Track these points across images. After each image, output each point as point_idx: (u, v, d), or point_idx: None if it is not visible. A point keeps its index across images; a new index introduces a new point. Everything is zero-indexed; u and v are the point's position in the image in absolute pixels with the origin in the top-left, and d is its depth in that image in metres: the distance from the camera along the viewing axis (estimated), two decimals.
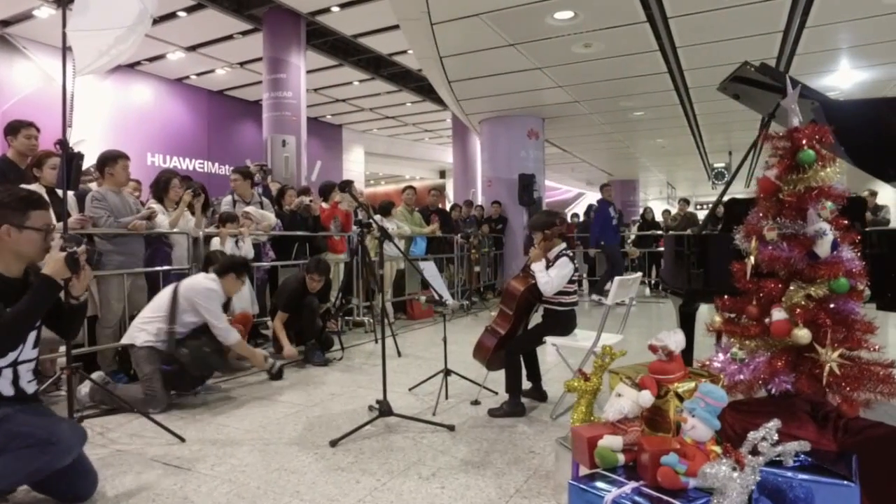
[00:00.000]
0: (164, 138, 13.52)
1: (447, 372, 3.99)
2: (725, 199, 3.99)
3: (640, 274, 3.89)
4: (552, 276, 3.42)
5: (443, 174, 25.19)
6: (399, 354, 5.49)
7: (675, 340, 2.14)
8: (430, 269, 4.04)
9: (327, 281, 5.43)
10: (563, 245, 3.63)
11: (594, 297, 9.79)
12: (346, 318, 6.81)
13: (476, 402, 3.82)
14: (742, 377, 2.20)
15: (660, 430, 2.11)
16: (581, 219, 13.58)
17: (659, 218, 13.40)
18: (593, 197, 25.34)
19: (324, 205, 6.47)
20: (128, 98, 12.85)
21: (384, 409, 3.36)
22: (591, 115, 10.99)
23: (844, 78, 8.84)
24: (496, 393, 4.01)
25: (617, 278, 3.34)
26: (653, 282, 11.13)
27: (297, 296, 5.12)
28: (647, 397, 2.04)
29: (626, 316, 3.77)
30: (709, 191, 23.25)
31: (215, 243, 5.16)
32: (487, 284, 10.40)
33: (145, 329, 3.78)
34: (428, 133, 20.66)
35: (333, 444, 3.06)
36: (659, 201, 25.71)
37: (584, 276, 11.11)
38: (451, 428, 3.30)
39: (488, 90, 9.19)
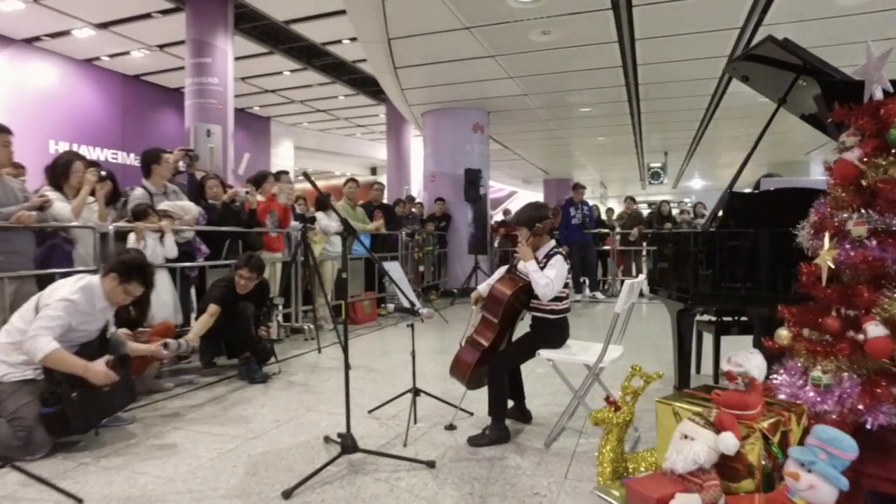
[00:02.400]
0: (70, 125, 12.06)
1: (416, 391, 3.39)
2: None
3: (643, 276, 3.42)
4: (551, 276, 2.90)
5: (374, 171, 24.41)
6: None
7: (756, 365, 1.67)
8: (396, 271, 3.45)
9: (263, 283, 4.70)
10: (553, 242, 3.13)
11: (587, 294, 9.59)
12: (284, 324, 6.07)
13: (451, 427, 3.26)
14: (826, 407, 1.75)
15: (739, 481, 1.62)
16: None
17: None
18: (526, 195, 25.33)
19: (259, 197, 5.70)
20: (24, 78, 11.33)
21: (348, 444, 2.73)
22: (538, 110, 10.66)
23: None
24: (471, 414, 3.47)
25: (627, 281, 2.86)
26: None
27: (228, 300, 4.37)
28: (730, 442, 1.55)
29: (625, 323, 3.30)
30: (638, 190, 23.75)
31: (131, 240, 4.33)
32: (431, 285, 9.85)
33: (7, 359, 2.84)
34: (360, 128, 19.84)
35: (287, 494, 2.41)
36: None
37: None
38: (430, 464, 2.71)
39: (435, 78, 8.65)
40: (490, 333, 3.02)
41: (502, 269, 3.25)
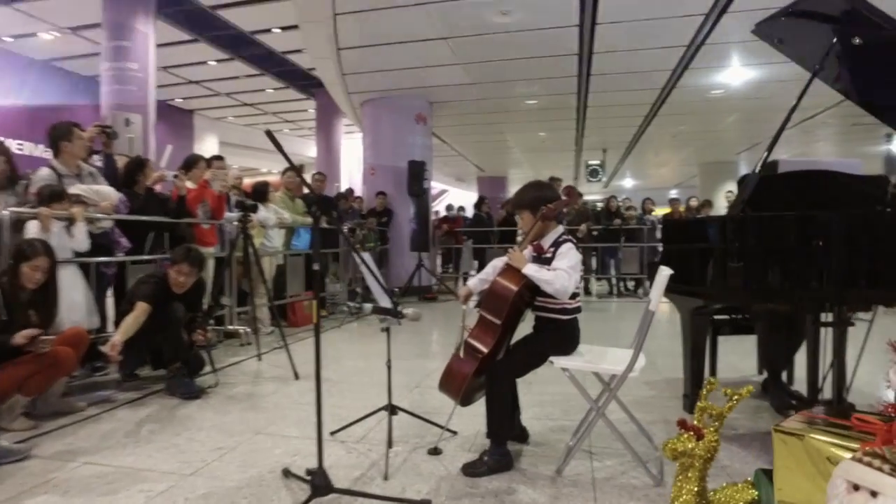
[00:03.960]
0: None
1: (392, 409, 2.82)
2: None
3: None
4: (564, 267, 2.41)
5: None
6: (296, 376, 4.18)
7: None
8: (371, 266, 2.87)
9: (199, 281, 3.98)
10: (561, 228, 2.65)
11: None
12: (217, 327, 5.30)
13: (436, 451, 2.72)
14: None
15: None
16: (467, 213, 12.88)
17: None
18: (457, 194, 24.98)
19: (189, 184, 4.90)
20: None
21: (319, 483, 2.13)
22: (482, 101, 10.26)
23: (735, 75, 8.93)
24: (454, 433, 2.95)
25: (661, 275, 2.41)
26: None
27: (160, 299, 3.63)
28: None
29: (647, 324, 2.84)
30: None
31: (32, 229, 3.50)
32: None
33: None
34: (288, 123, 18.76)
35: None
36: None
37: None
38: None
39: (380, 62, 8.04)
40: (490, 338, 2.49)
41: (499, 262, 2.75)
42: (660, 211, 11.19)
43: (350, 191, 8.93)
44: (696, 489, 1.57)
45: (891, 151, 14.66)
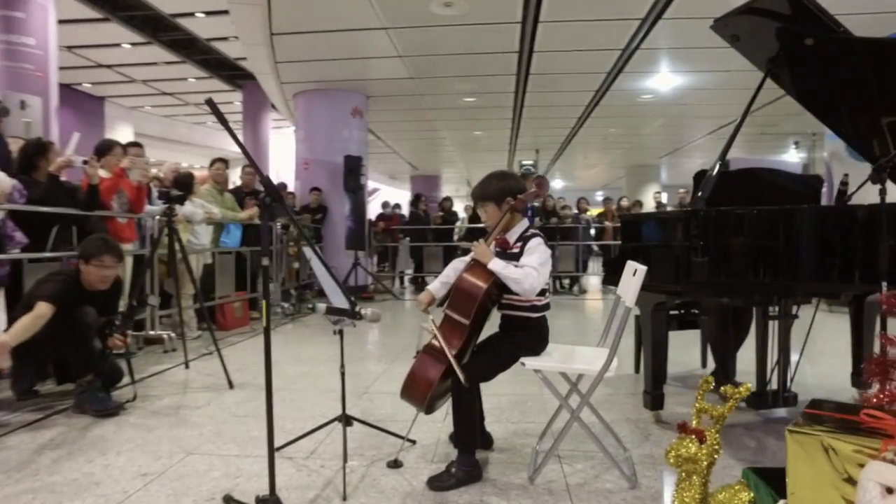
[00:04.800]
0: None
1: (347, 420, 2.57)
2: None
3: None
4: (533, 264, 2.25)
5: (227, 164, 22.25)
6: (231, 385, 3.83)
7: None
8: (317, 264, 2.61)
9: (116, 280, 3.55)
10: (527, 222, 2.49)
11: None
12: (136, 333, 4.82)
13: (396, 464, 2.49)
14: None
15: None
16: (402, 211, 12.65)
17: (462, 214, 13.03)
18: (389, 192, 24.66)
19: (102, 173, 4.41)
20: None
21: None
22: (421, 97, 10.08)
23: (664, 81, 9.17)
24: (413, 442, 2.73)
25: (637, 272, 2.29)
26: None
27: (68, 300, 3.19)
28: None
29: (624, 322, 2.71)
30: None
31: None
32: (306, 283, 8.83)
33: None
34: (212, 116, 17.80)
35: None
36: (457, 199, 26.06)
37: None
38: None
39: (317, 51, 7.68)
40: (457, 339, 2.30)
41: (459, 263, 2.57)
42: (594, 211, 11.40)
43: (283, 185, 8.50)
44: (699, 496, 1.45)
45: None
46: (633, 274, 2.32)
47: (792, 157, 14.66)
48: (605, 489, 2.25)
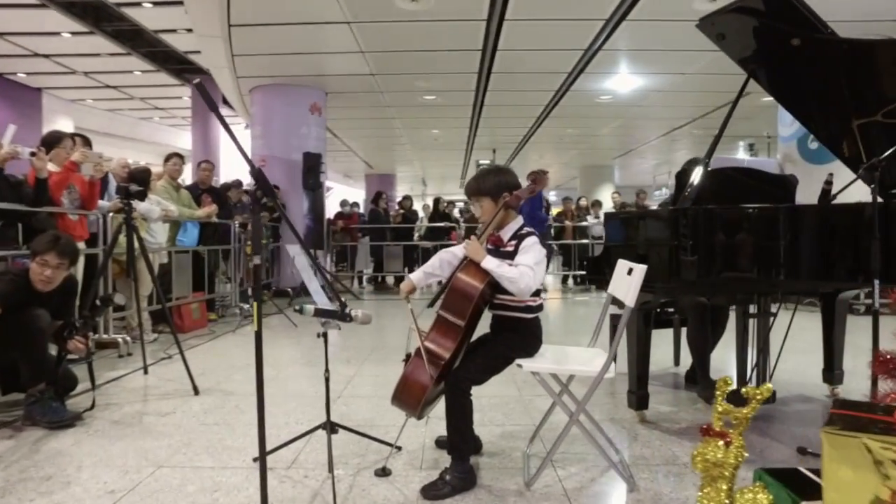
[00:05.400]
0: None
1: (331, 427, 2.45)
2: None
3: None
4: (528, 263, 2.19)
5: (182, 159, 21.40)
6: (196, 391, 3.63)
7: None
8: (302, 262, 2.48)
9: (69, 279, 3.30)
10: (521, 220, 2.43)
11: None
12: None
13: (385, 472, 2.38)
14: None
15: None
16: (361, 209, 12.44)
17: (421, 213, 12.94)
18: (343, 191, 24.28)
19: (51, 167, 4.11)
20: None
21: None
22: (381, 95, 9.93)
23: (623, 82, 9.32)
24: (399, 448, 2.63)
25: (636, 270, 2.26)
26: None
27: (16, 301, 2.94)
28: None
29: (624, 322, 2.70)
30: (456, 189, 24.11)
31: None
32: (263, 284, 8.55)
33: None
34: (159, 111, 17.01)
35: None
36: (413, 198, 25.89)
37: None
38: None
39: (276, 45, 7.44)
40: (451, 342, 2.21)
41: (445, 254, 2.49)
42: (554, 210, 11.49)
43: (239, 182, 8.20)
44: (727, 501, 1.41)
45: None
46: (629, 273, 2.29)
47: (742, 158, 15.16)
48: (604, 492, 2.21)
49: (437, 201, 11.32)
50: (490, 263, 2.20)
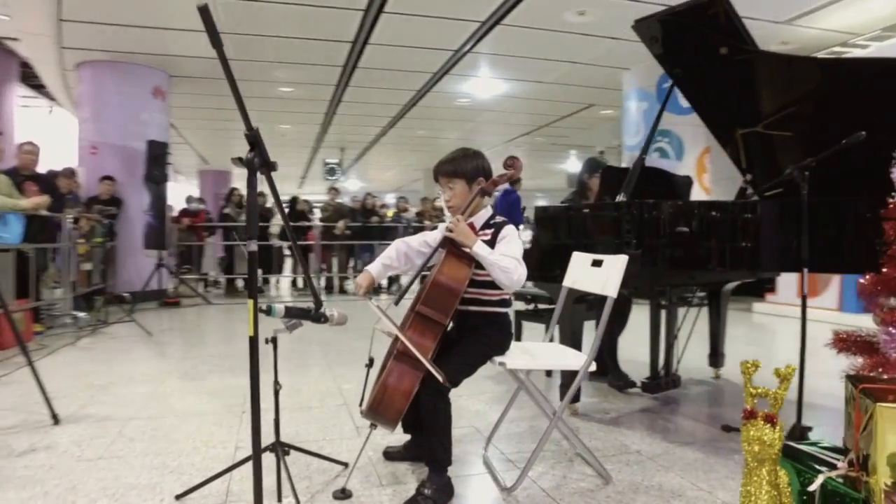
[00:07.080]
0: None
1: (282, 448, 2.12)
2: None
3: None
4: (514, 254, 2.07)
5: None
6: (56, 420, 2.96)
7: None
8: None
9: None
10: (491, 209, 2.30)
11: None
12: None
13: (346, 494, 2.12)
14: None
15: None
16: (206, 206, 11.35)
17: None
18: (175, 188, 22.09)
19: None
20: None
21: None
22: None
23: (483, 86, 9.60)
24: (345, 465, 2.37)
25: (620, 261, 2.24)
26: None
27: None
28: None
29: (607, 315, 2.64)
30: (295, 188, 23.12)
31: None
32: (97, 288, 7.40)
33: None
34: None
35: None
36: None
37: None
38: None
39: (117, 13, 6.45)
40: (431, 341, 2.02)
41: (402, 245, 2.30)
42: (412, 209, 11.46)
43: (71, 171, 6.99)
44: (774, 481, 1.43)
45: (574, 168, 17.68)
46: (594, 265, 2.29)
47: (574, 167, 16.45)
48: (583, 488, 2.17)
49: (293, 200, 10.69)
50: (483, 249, 2.04)
